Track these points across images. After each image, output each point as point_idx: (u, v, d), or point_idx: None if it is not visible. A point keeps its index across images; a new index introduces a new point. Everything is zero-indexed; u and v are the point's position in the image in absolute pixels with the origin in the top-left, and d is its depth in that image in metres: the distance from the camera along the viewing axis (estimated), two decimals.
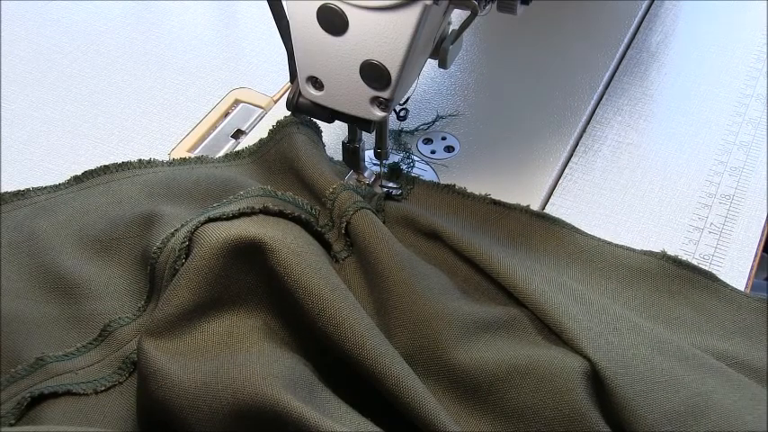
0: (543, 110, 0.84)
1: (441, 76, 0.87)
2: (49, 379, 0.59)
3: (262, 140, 0.77)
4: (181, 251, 0.60)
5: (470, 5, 0.61)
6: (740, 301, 0.67)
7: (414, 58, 0.62)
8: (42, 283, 0.65)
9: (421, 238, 0.70)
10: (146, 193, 0.71)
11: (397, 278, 0.63)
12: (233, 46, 0.93)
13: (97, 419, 0.58)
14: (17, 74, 0.86)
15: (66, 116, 0.82)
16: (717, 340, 0.65)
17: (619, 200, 0.77)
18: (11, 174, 0.76)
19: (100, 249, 0.68)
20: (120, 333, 0.62)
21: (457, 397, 0.60)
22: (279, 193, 0.67)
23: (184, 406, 0.54)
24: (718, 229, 0.75)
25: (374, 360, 0.56)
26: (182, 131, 0.81)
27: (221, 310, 0.59)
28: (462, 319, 0.62)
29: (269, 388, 0.52)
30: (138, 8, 0.96)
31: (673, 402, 0.57)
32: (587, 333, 0.60)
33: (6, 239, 0.67)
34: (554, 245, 0.71)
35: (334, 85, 0.65)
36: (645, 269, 0.69)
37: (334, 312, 0.57)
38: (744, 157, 0.81)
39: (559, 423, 0.57)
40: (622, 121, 0.85)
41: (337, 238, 0.68)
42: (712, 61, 0.92)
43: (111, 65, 0.88)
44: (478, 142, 0.81)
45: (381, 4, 0.59)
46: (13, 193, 0.71)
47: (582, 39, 0.92)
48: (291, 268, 0.59)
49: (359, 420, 0.54)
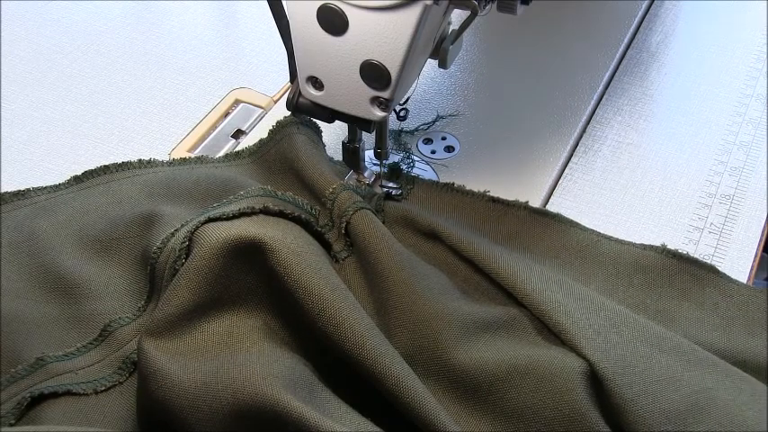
0: (543, 110, 0.84)
1: (441, 76, 0.87)
2: (49, 379, 0.59)
3: (262, 140, 0.77)
4: (181, 251, 0.60)
5: (470, 5, 0.61)
6: (741, 292, 0.67)
7: (414, 58, 0.62)
8: (42, 283, 0.65)
9: (421, 238, 0.70)
10: (146, 193, 0.71)
11: (396, 278, 0.63)
12: (233, 46, 0.93)
13: (97, 419, 0.58)
14: (17, 74, 0.86)
15: (66, 116, 0.82)
16: (716, 334, 0.64)
17: (619, 200, 0.77)
18: (11, 174, 0.76)
19: (100, 249, 0.68)
20: (120, 333, 0.62)
21: (457, 397, 0.60)
22: (279, 193, 0.67)
23: (184, 406, 0.54)
24: (718, 229, 0.75)
25: (374, 360, 0.56)
26: (182, 131, 0.81)
27: (221, 310, 0.59)
28: (462, 319, 0.62)
29: (269, 388, 0.52)
30: (138, 8, 0.96)
31: (673, 401, 0.57)
32: (586, 332, 0.60)
33: (6, 239, 0.67)
34: (553, 240, 0.71)
35: (334, 85, 0.65)
36: (644, 263, 0.69)
37: (334, 312, 0.57)
38: (744, 157, 0.81)
39: (559, 423, 0.57)
40: (622, 121, 0.85)
41: (337, 238, 0.68)
42: (712, 61, 0.92)
43: (111, 65, 0.88)
44: (478, 142, 0.81)
45: (381, 4, 0.59)
46: (13, 193, 0.71)
47: (582, 39, 0.92)
48: (291, 268, 0.59)
49: (359, 420, 0.54)
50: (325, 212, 0.69)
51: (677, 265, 0.69)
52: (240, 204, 0.63)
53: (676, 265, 0.69)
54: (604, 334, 0.60)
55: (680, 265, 0.69)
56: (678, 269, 0.69)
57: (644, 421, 0.56)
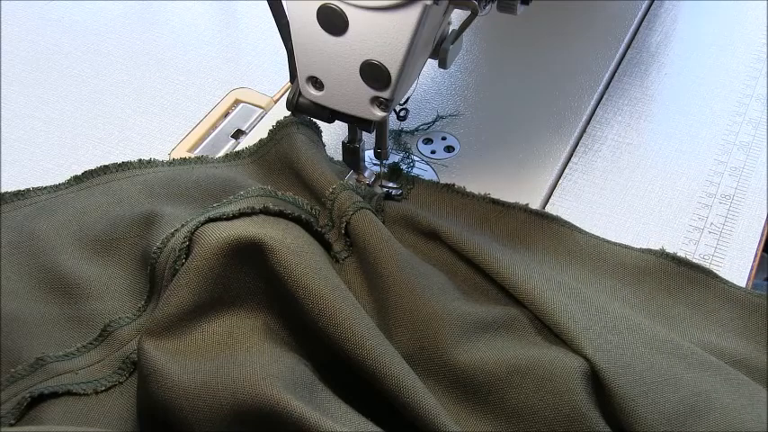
0: (543, 110, 0.84)
1: (441, 76, 0.87)
2: (50, 379, 0.59)
3: (262, 140, 0.77)
4: (181, 251, 0.60)
5: (470, 5, 0.61)
6: (739, 297, 0.67)
7: (414, 58, 0.62)
8: (42, 284, 0.65)
9: (420, 238, 0.70)
10: (146, 193, 0.71)
11: (397, 278, 0.63)
12: (233, 46, 0.93)
13: (97, 419, 0.58)
14: (17, 74, 0.86)
15: (66, 116, 0.82)
16: (715, 337, 0.65)
17: (619, 200, 0.77)
18: (11, 174, 0.76)
19: (100, 249, 0.68)
20: (120, 333, 0.62)
21: (457, 397, 0.60)
22: (279, 194, 0.67)
23: (184, 406, 0.54)
24: (718, 229, 0.75)
25: (374, 360, 0.56)
26: (182, 131, 0.82)
27: (221, 310, 0.59)
28: (462, 319, 0.62)
29: (269, 388, 0.52)
30: (138, 8, 0.96)
31: (672, 402, 0.57)
32: (587, 333, 0.60)
33: (6, 239, 0.67)
34: (553, 243, 0.71)
35: (335, 85, 0.65)
36: (644, 267, 0.69)
37: (334, 312, 0.57)
38: (744, 157, 0.81)
39: (559, 423, 0.57)
40: (622, 121, 0.85)
41: (337, 239, 0.68)
42: (712, 61, 0.92)
43: (111, 65, 0.88)
44: (478, 142, 0.81)
45: (381, 4, 0.59)
46: (13, 193, 0.71)
47: (582, 39, 0.92)
48: (291, 268, 0.59)
49: (359, 420, 0.54)
50: (325, 212, 0.69)
51: (676, 269, 0.69)
52: (240, 204, 0.63)
53: (675, 268, 0.69)
54: (605, 335, 0.60)
55: (679, 269, 0.69)
56: (677, 272, 0.69)
57: (644, 422, 0.56)
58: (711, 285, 0.68)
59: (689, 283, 0.68)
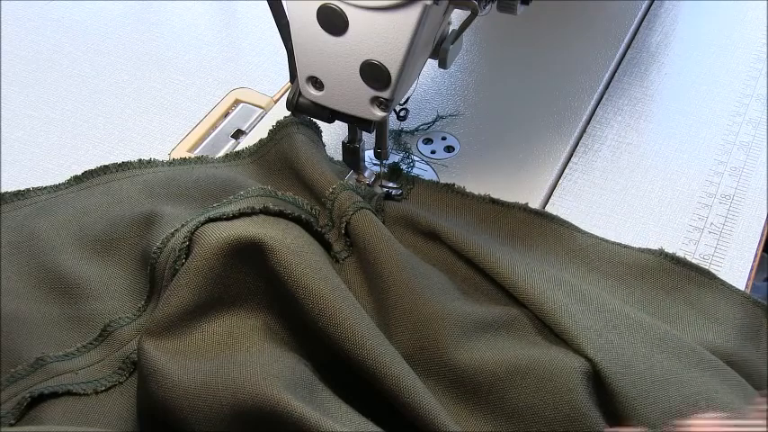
0: (543, 110, 0.84)
1: (441, 76, 0.87)
2: (49, 379, 0.59)
3: (262, 140, 0.77)
4: (181, 251, 0.60)
5: (470, 5, 0.61)
6: (737, 299, 0.67)
7: (414, 58, 0.62)
8: (42, 283, 0.65)
9: (420, 238, 0.70)
10: (146, 193, 0.71)
11: (397, 278, 0.63)
12: (233, 46, 0.93)
13: (97, 419, 0.58)
14: (17, 74, 0.86)
15: (66, 116, 0.82)
16: (713, 337, 0.65)
17: (619, 200, 0.77)
18: (11, 174, 0.76)
19: (100, 249, 0.68)
20: (120, 333, 0.62)
21: (457, 397, 0.60)
22: (279, 194, 0.67)
23: (184, 406, 0.54)
24: (718, 229, 0.75)
25: (374, 360, 0.56)
26: (182, 131, 0.82)
27: (221, 310, 0.59)
28: (462, 319, 0.62)
29: (269, 388, 0.52)
30: (138, 8, 0.96)
31: (673, 401, 0.57)
32: (587, 332, 0.60)
33: (6, 239, 0.67)
34: (553, 242, 0.71)
35: (335, 85, 0.65)
36: (643, 266, 0.69)
37: (334, 312, 0.57)
38: (744, 157, 0.81)
39: (559, 423, 0.57)
40: (622, 121, 0.85)
41: (337, 239, 0.68)
42: (712, 61, 0.92)
43: (111, 65, 0.88)
44: (478, 142, 0.81)
45: (381, 4, 0.59)
46: (13, 193, 0.71)
47: (582, 39, 0.93)
48: (291, 268, 0.59)
49: (359, 420, 0.54)
50: (325, 212, 0.69)
51: (674, 269, 0.69)
52: (240, 204, 0.63)
53: (673, 268, 0.69)
54: (605, 334, 0.61)
55: (677, 269, 0.69)
56: (675, 272, 0.69)
57: (645, 421, 0.56)
58: (709, 285, 0.68)
59: (687, 282, 0.68)
